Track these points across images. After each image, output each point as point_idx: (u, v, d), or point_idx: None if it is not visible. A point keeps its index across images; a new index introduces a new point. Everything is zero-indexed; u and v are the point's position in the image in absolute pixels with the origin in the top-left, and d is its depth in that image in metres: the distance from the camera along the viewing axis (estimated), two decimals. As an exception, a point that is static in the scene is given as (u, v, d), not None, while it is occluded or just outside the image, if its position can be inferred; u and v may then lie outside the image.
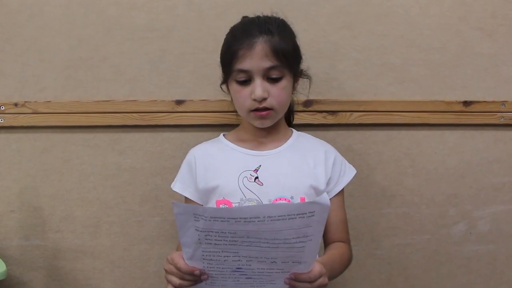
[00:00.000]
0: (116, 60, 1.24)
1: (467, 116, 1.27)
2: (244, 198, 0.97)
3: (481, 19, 1.27)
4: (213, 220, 0.72)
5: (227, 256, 0.76)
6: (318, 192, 0.99)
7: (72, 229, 1.27)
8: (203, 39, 1.24)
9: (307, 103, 1.24)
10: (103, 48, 1.24)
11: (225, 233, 0.73)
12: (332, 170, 1.03)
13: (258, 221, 0.70)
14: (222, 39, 1.02)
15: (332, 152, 1.06)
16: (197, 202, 1.04)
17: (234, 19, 1.04)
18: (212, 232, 0.73)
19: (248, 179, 0.98)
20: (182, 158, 1.09)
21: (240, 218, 0.71)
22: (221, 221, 0.71)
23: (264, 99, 0.95)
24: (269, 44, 0.93)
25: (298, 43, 1.02)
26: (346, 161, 1.08)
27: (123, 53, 1.24)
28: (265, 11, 1.03)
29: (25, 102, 1.23)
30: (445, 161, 1.29)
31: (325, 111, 1.25)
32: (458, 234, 1.31)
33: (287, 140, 1.06)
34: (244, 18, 1.04)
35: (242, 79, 0.96)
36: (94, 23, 1.24)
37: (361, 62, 1.26)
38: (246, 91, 0.96)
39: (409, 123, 1.27)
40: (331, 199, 1.02)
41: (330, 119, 1.25)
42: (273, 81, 0.96)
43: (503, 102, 1.27)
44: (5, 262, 1.11)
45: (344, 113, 1.25)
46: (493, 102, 1.27)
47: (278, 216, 0.70)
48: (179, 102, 1.24)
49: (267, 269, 0.78)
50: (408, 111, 1.26)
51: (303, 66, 1.05)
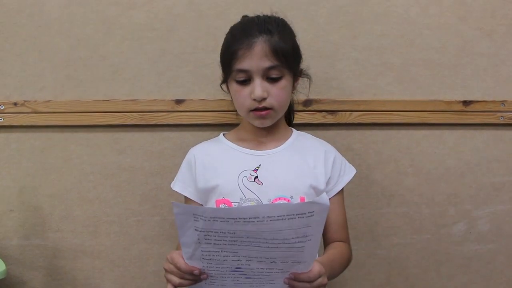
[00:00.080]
0: (115, 59, 1.24)
1: (467, 115, 1.27)
2: (243, 197, 0.97)
3: (480, 19, 1.27)
4: (213, 220, 0.72)
5: (227, 256, 0.77)
6: (318, 192, 0.99)
7: (72, 228, 1.27)
8: (203, 39, 1.24)
9: (307, 102, 1.24)
10: (103, 48, 1.24)
11: (224, 233, 0.73)
12: (332, 169, 1.03)
13: (257, 221, 0.70)
14: (222, 39, 1.02)
15: (332, 151, 1.06)
16: (196, 201, 1.04)
17: (234, 19, 1.04)
18: (212, 232, 0.73)
19: (247, 179, 0.98)
20: (182, 158, 1.09)
21: (239, 218, 0.71)
22: (221, 221, 0.71)
23: (264, 99, 0.95)
24: (268, 44, 0.93)
25: (298, 42, 1.02)
26: (346, 161, 1.08)
27: (123, 53, 1.24)
28: (265, 11, 1.03)
29: (25, 101, 1.23)
30: (444, 160, 1.29)
31: (324, 110, 1.25)
32: (458, 234, 1.31)
33: (287, 139, 1.06)
34: (244, 17, 1.04)
35: (242, 78, 0.96)
36: (94, 23, 1.24)
37: (360, 62, 1.26)
38: (245, 90, 0.96)
39: (408, 123, 1.27)
40: (330, 198, 1.02)
41: (330, 119, 1.25)
42: (273, 80, 0.96)
43: (503, 102, 1.27)
44: (4, 261, 1.11)
45: (343, 112, 1.25)
46: (492, 101, 1.27)
47: (278, 216, 0.70)
48: (179, 102, 1.24)
49: (266, 269, 0.78)
50: (407, 111, 1.26)
51: (303, 65, 1.05)
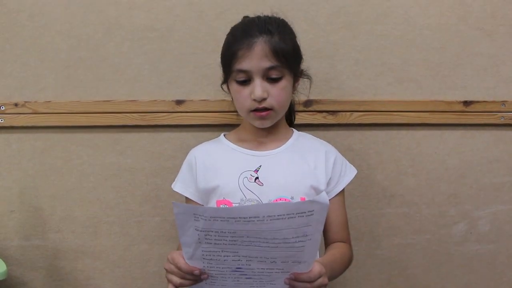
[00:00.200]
0: (116, 60, 1.25)
1: (467, 116, 1.27)
2: (244, 198, 0.97)
3: (480, 19, 1.27)
4: (213, 219, 0.72)
5: (227, 256, 0.76)
6: (318, 193, 0.99)
7: (72, 229, 1.27)
8: (203, 39, 1.24)
9: (307, 103, 1.24)
10: (103, 48, 1.24)
11: (225, 232, 0.73)
12: (333, 170, 1.03)
13: (257, 221, 0.71)
14: (222, 39, 1.02)
15: (332, 152, 1.06)
16: (197, 202, 1.04)
17: (234, 19, 1.04)
18: (212, 231, 0.73)
19: (248, 179, 0.98)
20: (182, 158, 1.09)
21: (239, 217, 0.71)
22: (221, 220, 0.71)
23: (264, 99, 0.95)
24: (268, 44, 0.93)
25: (299, 43, 1.02)
26: (347, 161, 1.08)
27: (123, 53, 1.24)
28: (265, 11, 1.03)
29: (25, 102, 1.23)
30: (445, 161, 1.29)
31: (325, 111, 1.25)
32: (458, 234, 1.31)
33: (288, 140, 1.06)
34: (245, 18, 1.04)
35: (242, 79, 0.96)
36: (94, 23, 1.24)
37: (361, 62, 1.26)
38: (246, 91, 0.96)
39: (409, 123, 1.27)
40: (331, 199, 1.02)
41: (330, 119, 1.25)
42: (273, 81, 0.96)
43: (503, 102, 1.27)
44: (5, 262, 1.11)
45: (344, 113, 1.25)
46: (493, 102, 1.27)
47: (278, 215, 0.70)
48: (179, 102, 1.24)
49: (267, 269, 0.78)
50: (408, 111, 1.26)
51: (303, 66, 1.05)
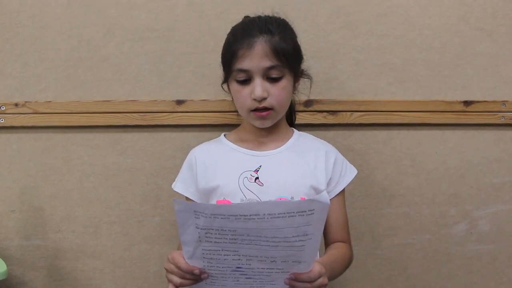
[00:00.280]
0: (116, 60, 1.25)
1: (468, 116, 1.27)
2: (244, 198, 0.97)
3: (481, 19, 1.27)
4: (213, 217, 0.72)
5: (227, 255, 0.77)
6: (319, 193, 0.99)
7: (73, 229, 1.27)
8: (203, 39, 1.24)
9: (308, 103, 1.24)
10: (104, 48, 1.24)
11: (225, 230, 0.73)
12: (333, 170, 1.03)
13: (258, 219, 0.71)
14: (222, 39, 1.02)
15: (333, 152, 1.06)
16: (197, 202, 1.04)
17: (234, 19, 1.04)
18: (212, 229, 0.73)
19: (248, 180, 0.98)
20: (183, 158, 1.09)
21: (240, 215, 0.71)
22: (221, 218, 0.71)
23: (264, 98, 0.95)
24: (269, 44, 0.93)
25: (299, 43, 1.02)
26: (347, 161, 1.08)
27: (124, 53, 1.25)
28: (265, 11, 1.03)
29: (26, 102, 1.23)
30: (445, 161, 1.29)
31: (325, 111, 1.25)
32: (459, 234, 1.31)
33: (288, 140, 1.06)
34: (246, 18, 1.04)
35: (242, 78, 0.96)
36: (94, 23, 1.24)
37: (361, 62, 1.26)
38: (246, 90, 0.96)
39: (409, 123, 1.27)
40: (331, 199, 1.02)
41: (331, 119, 1.25)
42: (273, 80, 0.96)
43: (504, 102, 1.27)
44: (5, 262, 1.11)
45: (344, 113, 1.25)
46: (493, 102, 1.27)
47: (278, 214, 0.70)
48: (180, 102, 1.24)
49: (267, 268, 0.78)
50: (408, 111, 1.26)
51: (303, 66, 1.05)
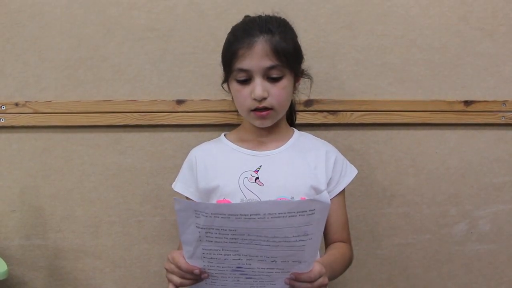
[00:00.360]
0: (116, 60, 1.25)
1: (468, 115, 1.27)
2: (244, 198, 0.97)
3: (481, 19, 1.27)
4: (214, 216, 0.72)
5: (227, 255, 0.77)
6: (319, 193, 0.99)
7: (73, 229, 1.27)
8: (203, 39, 1.24)
9: (308, 102, 1.24)
10: (104, 48, 1.24)
11: (225, 230, 0.73)
12: (333, 170, 1.03)
13: (258, 218, 0.71)
14: (222, 39, 1.02)
15: (333, 152, 1.06)
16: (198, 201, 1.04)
17: (235, 19, 1.04)
18: (213, 229, 0.73)
19: (248, 180, 0.98)
20: (183, 158, 1.09)
21: (240, 214, 0.71)
22: (222, 217, 0.72)
23: (264, 98, 0.95)
24: (269, 44, 0.93)
25: (299, 43, 1.02)
26: (348, 161, 1.08)
27: (124, 53, 1.24)
28: (265, 11, 1.03)
29: (26, 102, 1.23)
30: (446, 160, 1.29)
31: (325, 110, 1.25)
32: (459, 234, 1.31)
33: (288, 140, 1.06)
34: (246, 17, 1.04)
35: (242, 78, 0.96)
36: (95, 23, 1.24)
37: (361, 62, 1.26)
38: (246, 90, 0.96)
39: (409, 123, 1.27)
40: (332, 199, 1.02)
41: (331, 119, 1.25)
42: (273, 80, 0.96)
43: (504, 102, 1.27)
44: (6, 262, 1.10)
45: (344, 112, 1.25)
46: (494, 101, 1.27)
47: (279, 213, 0.70)
48: (180, 102, 1.24)
49: (267, 268, 0.78)
50: (408, 111, 1.26)
51: (304, 66, 1.05)
